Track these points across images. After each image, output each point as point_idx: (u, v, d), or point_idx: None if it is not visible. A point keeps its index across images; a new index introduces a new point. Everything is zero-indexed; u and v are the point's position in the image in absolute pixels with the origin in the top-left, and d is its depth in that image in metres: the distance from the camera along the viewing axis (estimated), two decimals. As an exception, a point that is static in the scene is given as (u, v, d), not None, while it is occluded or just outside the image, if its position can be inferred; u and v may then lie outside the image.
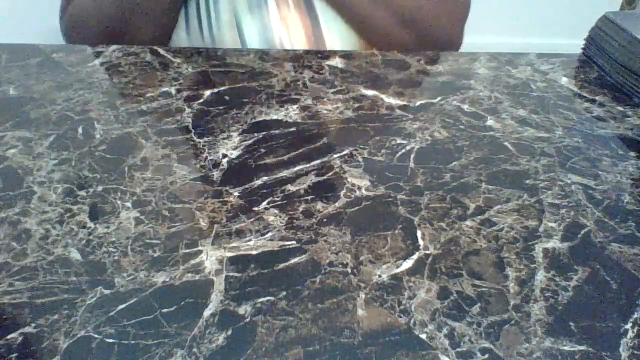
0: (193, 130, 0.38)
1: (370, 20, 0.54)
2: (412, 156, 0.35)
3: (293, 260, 0.27)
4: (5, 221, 0.29)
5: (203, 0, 0.55)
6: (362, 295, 0.25)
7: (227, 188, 0.32)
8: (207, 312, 0.24)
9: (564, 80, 0.47)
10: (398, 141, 0.37)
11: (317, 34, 0.54)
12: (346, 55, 0.50)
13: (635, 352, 0.22)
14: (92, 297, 0.24)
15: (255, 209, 0.30)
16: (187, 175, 0.33)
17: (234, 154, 0.35)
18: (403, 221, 0.29)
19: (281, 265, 0.26)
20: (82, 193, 0.31)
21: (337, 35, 0.55)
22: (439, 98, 0.43)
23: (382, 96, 0.43)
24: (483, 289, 0.25)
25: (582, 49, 0.52)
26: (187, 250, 0.27)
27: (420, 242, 0.28)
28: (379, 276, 0.26)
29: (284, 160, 0.35)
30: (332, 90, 0.44)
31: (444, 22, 0.56)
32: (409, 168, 0.34)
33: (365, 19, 0.54)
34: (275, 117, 0.40)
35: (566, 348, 0.22)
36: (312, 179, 0.33)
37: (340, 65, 0.48)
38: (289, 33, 0.54)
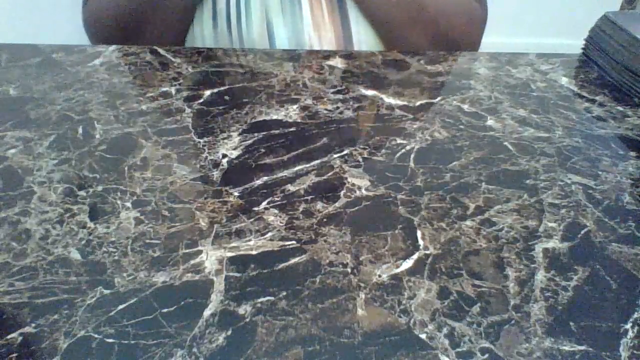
0: (193, 130, 0.38)
1: (390, 19, 0.54)
2: (412, 156, 0.35)
3: (293, 260, 0.27)
4: (5, 221, 0.29)
5: None
6: (362, 295, 0.25)
7: (227, 188, 0.32)
8: (207, 312, 0.24)
9: (564, 80, 0.47)
10: (398, 141, 0.37)
11: (347, 39, 0.55)
12: (346, 55, 0.50)
13: (635, 352, 0.22)
14: (92, 297, 0.24)
15: (255, 209, 0.30)
16: (187, 175, 0.33)
17: (234, 154, 0.35)
18: (403, 221, 0.29)
19: (281, 265, 0.26)
20: (82, 193, 0.31)
21: (365, 37, 0.55)
22: (439, 98, 0.43)
23: (382, 96, 0.43)
24: (483, 289, 0.25)
25: (582, 49, 0.52)
26: (187, 250, 0.27)
27: (420, 242, 0.28)
28: (379, 276, 0.26)
29: (284, 160, 0.35)
30: (332, 90, 0.44)
31: (463, 28, 0.56)
32: (409, 168, 0.34)
33: (387, 19, 0.54)
34: (275, 117, 0.40)
35: (566, 348, 0.22)
36: (312, 179, 0.33)
37: (340, 65, 0.48)
38: (320, 36, 0.54)
